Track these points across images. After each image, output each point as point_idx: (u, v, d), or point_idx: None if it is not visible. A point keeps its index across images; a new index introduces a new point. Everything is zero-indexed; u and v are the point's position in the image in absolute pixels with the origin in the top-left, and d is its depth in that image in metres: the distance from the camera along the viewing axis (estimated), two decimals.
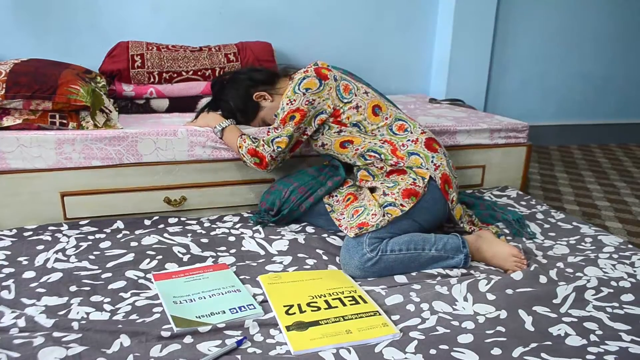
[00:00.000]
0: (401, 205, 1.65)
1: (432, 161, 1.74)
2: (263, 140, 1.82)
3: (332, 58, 2.91)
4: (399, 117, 1.85)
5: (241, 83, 1.95)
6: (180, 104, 2.38)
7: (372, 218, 1.62)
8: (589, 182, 3.01)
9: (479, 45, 3.27)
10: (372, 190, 1.79)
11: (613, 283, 1.50)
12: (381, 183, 1.76)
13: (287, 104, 1.78)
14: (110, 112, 2.02)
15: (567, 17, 3.54)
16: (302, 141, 1.85)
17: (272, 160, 1.83)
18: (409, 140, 1.79)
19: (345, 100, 1.80)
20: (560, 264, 1.62)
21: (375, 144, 1.79)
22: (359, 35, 3.12)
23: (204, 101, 2.37)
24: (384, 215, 1.62)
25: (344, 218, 1.73)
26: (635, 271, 1.58)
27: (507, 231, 1.89)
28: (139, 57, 2.35)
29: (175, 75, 2.38)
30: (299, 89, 1.77)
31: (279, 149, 1.80)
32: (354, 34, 3.10)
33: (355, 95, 1.82)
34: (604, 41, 3.69)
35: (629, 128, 3.95)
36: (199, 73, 2.40)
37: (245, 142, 1.84)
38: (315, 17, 3.00)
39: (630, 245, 1.75)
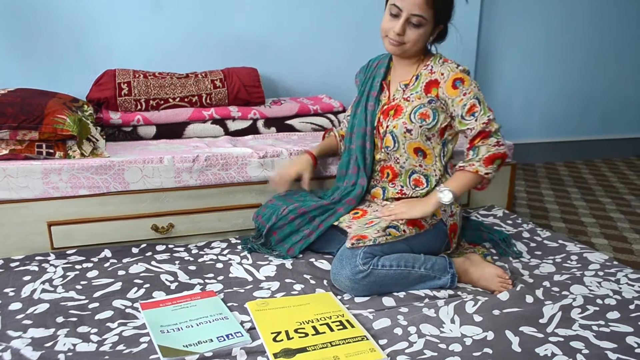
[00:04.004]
0: (403, 231, 1.69)
1: (450, 208, 1.78)
2: (491, 136, 1.69)
3: (318, 81, 2.97)
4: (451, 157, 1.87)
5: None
6: (168, 131, 2.39)
7: (374, 233, 1.65)
8: (574, 198, 3.04)
9: (462, 64, 3.31)
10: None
11: (599, 301, 1.51)
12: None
13: (476, 88, 1.75)
14: (97, 140, 2.02)
15: (548, 35, 3.61)
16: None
17: (504, 146, 1.71)
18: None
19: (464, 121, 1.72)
20: (546, 283, 1.63)
21: (435, 173, 1.80)
22: (344, 57, 3.13)
23: (191, 127, 2.38)
24: (385, 236, 1.65)
25: (354, 224, 1.75)
26: (620, 288, 1.59)
27: (493, 251, 1.91)
28: (125, 85, 2.37)
29: (162, 102, 2.39)
30: (473, 80, 1.78)
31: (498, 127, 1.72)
32: (338, 57, 3.12)
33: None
34: (585, 58, 3.76)
35: (612, 143, 4.00)
36: (185, 99, 2.42)
37: (478, 164, 1.66)
38: (299, 40, 3.02)
39: (615, 262, 1.77)
